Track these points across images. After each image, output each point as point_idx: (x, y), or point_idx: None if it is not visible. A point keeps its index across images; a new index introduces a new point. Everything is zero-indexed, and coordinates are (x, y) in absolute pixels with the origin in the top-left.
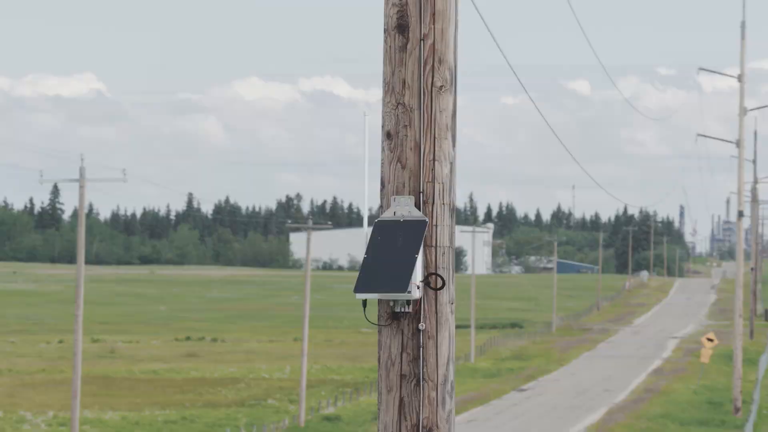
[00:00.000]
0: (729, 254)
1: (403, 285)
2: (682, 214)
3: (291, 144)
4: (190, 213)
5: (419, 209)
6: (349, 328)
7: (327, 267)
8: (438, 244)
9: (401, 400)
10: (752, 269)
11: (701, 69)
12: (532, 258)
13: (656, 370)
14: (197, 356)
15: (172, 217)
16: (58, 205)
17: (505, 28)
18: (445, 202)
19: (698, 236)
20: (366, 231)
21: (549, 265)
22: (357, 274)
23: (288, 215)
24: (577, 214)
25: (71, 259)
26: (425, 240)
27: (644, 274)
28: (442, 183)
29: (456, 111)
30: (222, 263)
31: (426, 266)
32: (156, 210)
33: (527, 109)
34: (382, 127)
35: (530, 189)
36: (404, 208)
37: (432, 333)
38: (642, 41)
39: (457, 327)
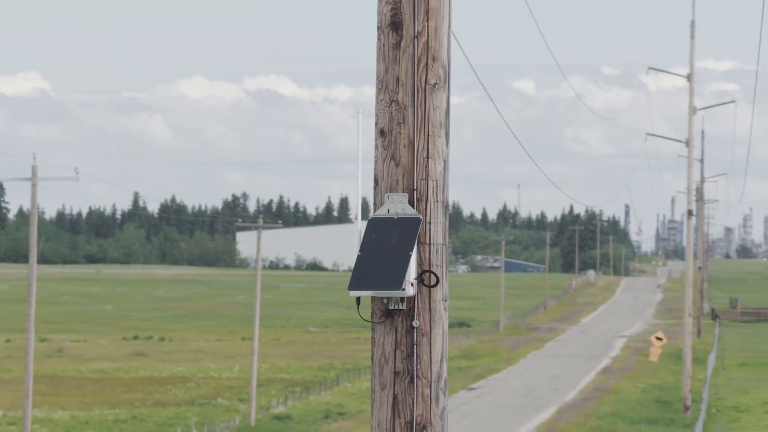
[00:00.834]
0: (674, 253)
1: (398, 282)
2: (627, 213)
3: (236, 143)
4: (136, 212)
5: (413, 206)
6: (297, 327)
7: (274, 266)
8: (432, 242)
9: (395, 397)
10: (699, 268)
11: (651, 68)
12: (479, 257)
13: (605, 368)
14: (145, 355)
15: (118, 216)
16: (3, 204)
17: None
18: (438, 199)
19: (643, 235)
20: (359, 229)
21: (495, 264)
22: (304, 273)
23: (234, 214)
24: (523, 213)
25: (17, 258)
26: (419, 237)
27: (591, 273)
28: (436, 180)
29: (449, 109)
30: (168, 262)
31: (420, 263)
32: (102, 209)
33: (473, 108)
34: (376, 124)
35: (476, 188)
36: (398, 206)
37: (426, 330)
38: (586, 41)
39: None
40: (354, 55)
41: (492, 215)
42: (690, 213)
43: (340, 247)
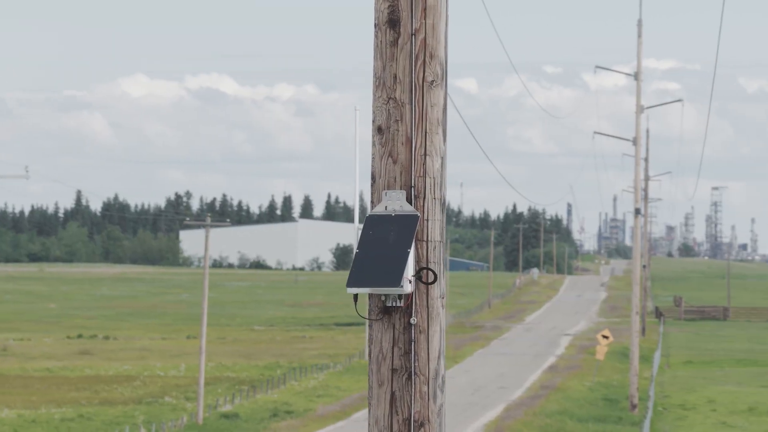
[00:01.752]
0: (616, 252)
1: (396, 279)
2: (569, 212)
3: (178, 141)
4: (79, 210)
5: (411, 204)
6: (242, 325)
7: (217, 265)
8: (429, 239)
9: (393, 394)
10: (644, 267)
11: (598, 67)
12: None
13: (551, 367)
14: (90, 354)
15: (61, 214)
16: None
17: None
18: (436, 196)
19: (586, 234)
20: (357, 226)
21: None
22: (248, 271)
23: (177, 213)
24: (466, 212)
25: None
26: (416, 234)
27: (534, 271)
28: (433, 177)
29: (446, 106)
30: (111, 261)
31: (417, 260)
32: (44, 207)
33: None
34: (373, 121)
35: None
36: (396, 203)
37: (423, 327)
38: (528, 40)
39: (354, 325)
40: (296, 53)
41: None
42: (637, 211)
43: (284, 246)
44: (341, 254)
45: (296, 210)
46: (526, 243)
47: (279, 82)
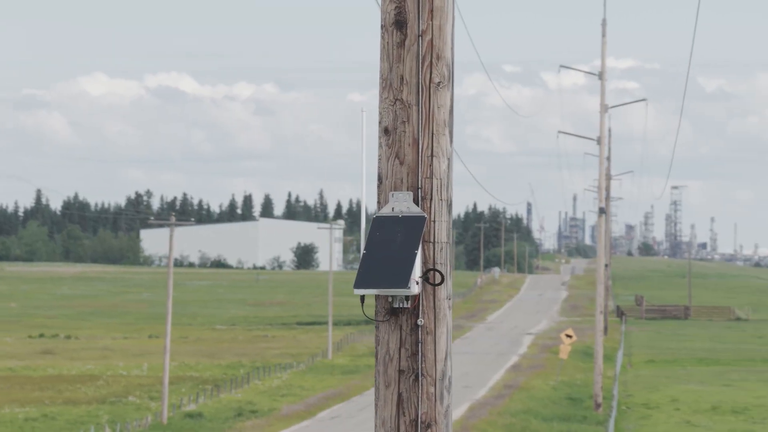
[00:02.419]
0: (576, 251)
1: (404, 281)
2: (529, 211)
3: (137, 140)
4: (39, 209)
5: (417, 205)
6: (203, 325)
7: (178, 264)
8: (436, 240)
9: (399, 395)
10: (606, 266)
11: (562, 66)
12: None
13: (514, 366)
14: (53, 353)
15: (21, 213)
16: None
17: (352, 24)
18: (442, 198)
19: (545, 233)
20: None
21: None
22: (209, 270)
23: (138, 212)
24: None
25: None
26: (423, 236)
27: (496, 270)
28: (440, 179)
29: (453, 107)
30: (72, 260)
31: (424, 262)
32: (4, 206)
33: (374, 105)
34: (380, 122)
35: None
36: (402, 204)
37: (430, 328)
38: (487, 39)
39: (316, 324)
40: (255, 52)
41: None
42: (602, 210)
43: (245, 245)
44: (302, 253)
45: (257, 209)
46: (487, 242)
47: (238, 81)
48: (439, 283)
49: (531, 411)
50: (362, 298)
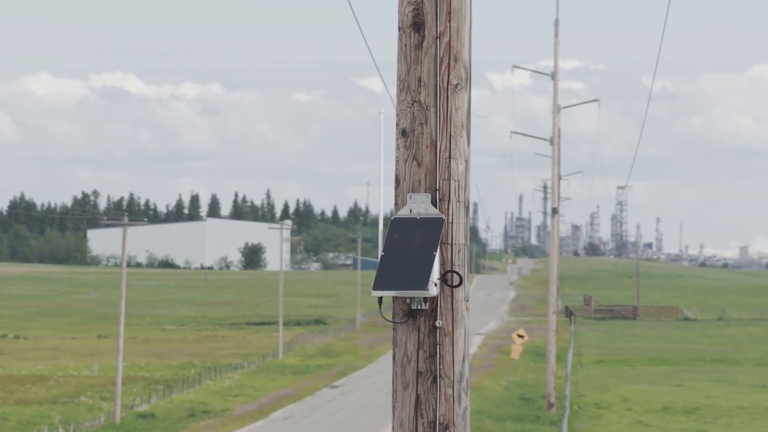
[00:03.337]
0: (523, 251)
1: (423, 282)
2: (475, 211)
3: (83, 140)
4: None
5: (435, 207)
6: (152, 325)
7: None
8: (454, 242)
9: (417, 397)
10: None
11: (515, 66)
12: (330, 255)
13: None
14: (2, 354)
15: None
16: None
17: (297, 24)
18: (460, 199)
19: (492, 233)
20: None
21: (347, 262)
22: (156, 270)
23: (84, 212)
24: (374, 211)
25: None
26: (441, 237)
27: None
28: (458, 180)
29: (470, 109)
30: (19, 260)
31: (442, 263)
32: None
33: (320, 105)
34: (397, 124)
35: (326, 185)
36: (420, 206)
37: (448, 330)
38: None
39: (265, 324)
40: (201, 52)
41: (343, 213)
42: (554, 211)
43: (192, 245)
44: (249, 253)
45: (204, 209)
46: None
47: (184, 80)
48: (457, 285)
49: (484, 411)
50: (380, 299)
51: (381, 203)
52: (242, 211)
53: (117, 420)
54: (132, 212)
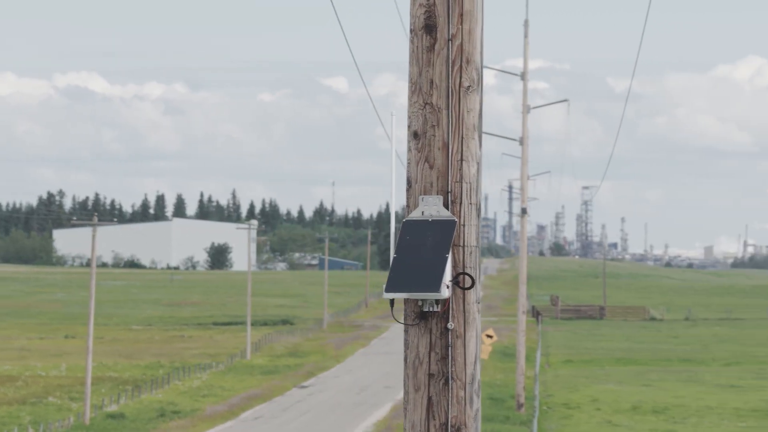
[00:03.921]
0: (488, 251)
1: (436, 285)
2: None
3: (47, 140)
4: None
5: (447, 209)
6: (119, 325)
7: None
8: (465, 244)
9: (429, 399)
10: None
11: (485, 67)
12: (296, 255)
13: None
14: None
15: None
16: None
17: (262, 24)
18: (472, 201)
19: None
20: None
21: (313, 262)
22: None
23: (50, 212)
24: (339, 211)
25: None
26: (453, 239)
27: None
28: (470, 183)
29: (482, 111)
30: None
31: (454, 266)
32: None
33: (284, 105)
34: (408, 126)
35: (291, 185)
36: (432, 208)
37: (460, 332)
38: (395, 40)
39: (232, 324)
40: (166, 52)
41: (309, 213)
42: (524, 211)
43: (158, 245)
44: (216, 253)
45: (169, 209)
46: None
47: (148, 80)
48: (469, 287)
49: None
50: (392, 301)
51: (393, 206)
52: (208, 211)
53: (86, 420)
54: (97, 212)
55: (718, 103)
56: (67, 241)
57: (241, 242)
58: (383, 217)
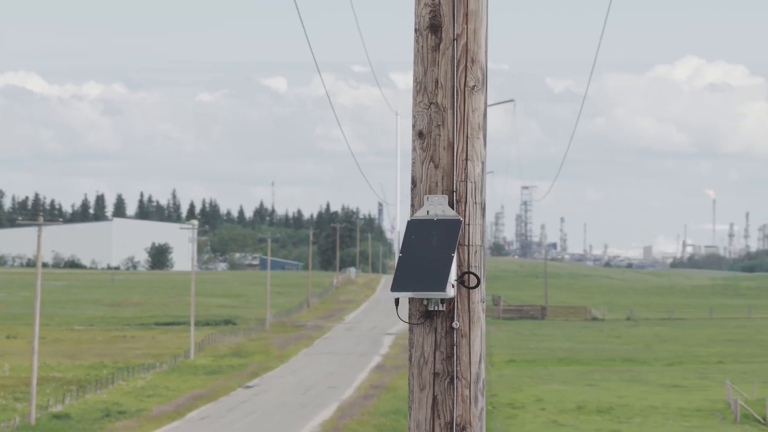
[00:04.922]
0: None
1: (441, 284)
2: (380, 212)
3: None
4: None
5: (452, 208)
6: (61, 325)
7: (31, 264)
8: (470, 243)
9: (434, 398)
10: None
11: None
12: (237, 255)
13: (377, 366)
14: None
15: None
16: None
17: (200, 23)
18: (477, 201)
19: (396, 233)
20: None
21: (254, 262)
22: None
23: None
24: (279, 211)
25: None
26: (458, 239)
27: (352, 270)
28: (475, 182)
29: (487, 111)
30: None
31: (459, 265)
32: None
33: (223, 105)
34: (413, 126)
35: (231, 186)
36: (437, 207)
37: (465, 331)
38: (336, 39)
39: (174, 324)
40: (103, 51)
41: (249, 213)
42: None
43: (98, 245)
44: (156, 253)
45: (109, 209)
46: (341, 242)
47: (86, 80)
48: (475, 286)
49: (400, 411)
50: (397, 301)
51: (398, 207)
52: (148, 211)
53: (32, 421)
54: (37, 212)
55: (656, 103)
56: (7, 241)
57: (182, 242)
58: (323, 217)
